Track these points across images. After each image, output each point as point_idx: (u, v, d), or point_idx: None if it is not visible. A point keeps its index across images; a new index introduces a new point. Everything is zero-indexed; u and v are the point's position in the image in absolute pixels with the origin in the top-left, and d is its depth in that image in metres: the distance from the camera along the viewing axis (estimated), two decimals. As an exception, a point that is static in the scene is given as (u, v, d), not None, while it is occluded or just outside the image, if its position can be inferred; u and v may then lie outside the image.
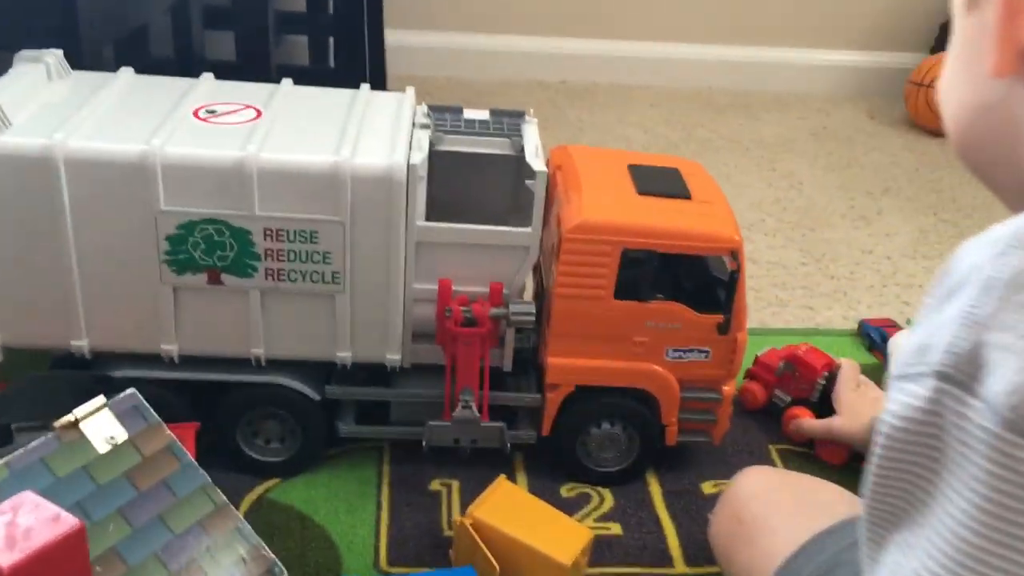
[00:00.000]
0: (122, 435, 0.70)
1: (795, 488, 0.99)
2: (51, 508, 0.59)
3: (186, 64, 1.83)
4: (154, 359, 1.13)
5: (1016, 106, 0.46)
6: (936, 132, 2.47)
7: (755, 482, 1.02)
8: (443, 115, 1.20)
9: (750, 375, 1.38)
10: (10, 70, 1.14)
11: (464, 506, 1.13)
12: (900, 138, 2.45)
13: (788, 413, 1.33)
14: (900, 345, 1.36)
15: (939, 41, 2.65)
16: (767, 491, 0.99)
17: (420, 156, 1.07)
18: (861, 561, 0.48)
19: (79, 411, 0.69)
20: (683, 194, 1.17)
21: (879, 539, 0.47)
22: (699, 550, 1.13)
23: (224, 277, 1.09)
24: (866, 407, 1.25)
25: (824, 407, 1.31)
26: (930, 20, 2.65)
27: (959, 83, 0.49)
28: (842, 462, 1.28)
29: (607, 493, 1.21)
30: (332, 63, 2.30)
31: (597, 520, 1.17)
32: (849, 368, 1.31)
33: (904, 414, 0.43)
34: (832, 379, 1.31)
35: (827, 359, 1.34)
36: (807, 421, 1.30)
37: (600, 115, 2.46)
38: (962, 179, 2.23)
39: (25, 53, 1.17)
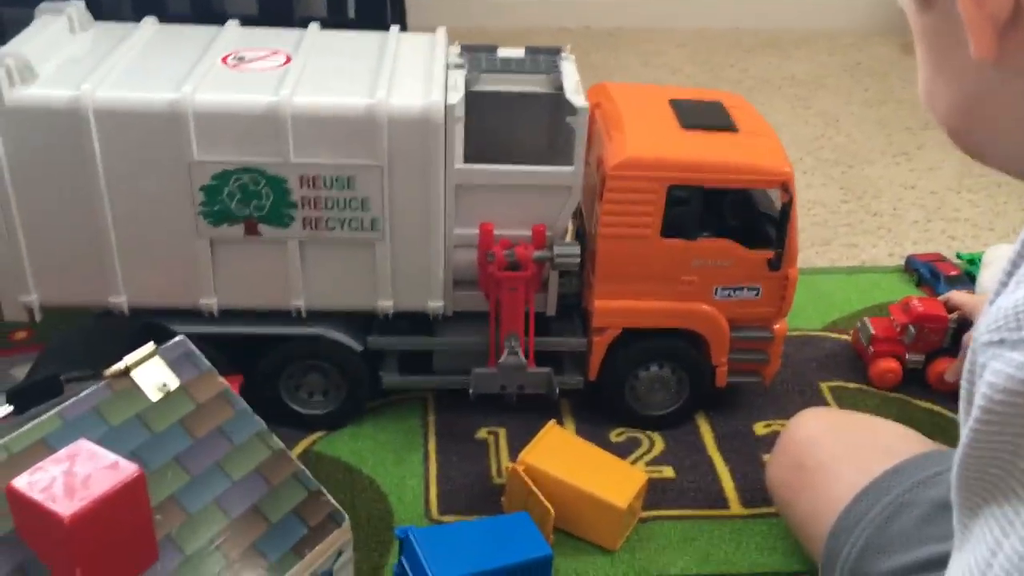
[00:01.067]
0: (174, 382, 0.68)
1: (854, 429, 0.96)
2: (109, 456, 0.57)
3: (205, 18, 1.79)
4: (193, 314, 1.11)
5: (1004, 87, 0.43)
6: (973, 64, 2.39)
7: (812, 426, 0.98)
8: (477, 55, 1.16)
9: (876, 355, 1.28)
10: (33, 22, 1.11)
11: (512, 454, 1.11)
12: (936, 72, 2.38)
13: (934, 368, 1.27)
14: (998, 259, 1.31)
15: (974, -30, 2.56)
16: (826, 434, 0.96)
17: (457, 96, 1.04)
18: (955, 524, 0.45)
19: (129, 359, 0.67)
20: (729, 127, 1.13)
21: (973, 507, 0.44)
22: (755, 492, 1.11)
23: (261, 227, 1.06)
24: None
25: (957, 346, 1.25)
26: (964, -52, 2.56)
27: (941, 83, 0.46)
28: None
29: (657, 437, 1.19)
30: (352, 14, 2.25)
31: (649, 464, 1.14)
32: (966, 297, 1.27)
33: (1006, 385, 0.39)
34: (959, 320, 1.25)
35: (939, 303, 1.28)
36: (957, 364, 1.24)
37: (625, 58, 2.40)
38: (1003, 111, 2.17)
39: (46, 5, 1.14)
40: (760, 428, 1.21)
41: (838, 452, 0.93)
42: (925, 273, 1.49)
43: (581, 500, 1.01)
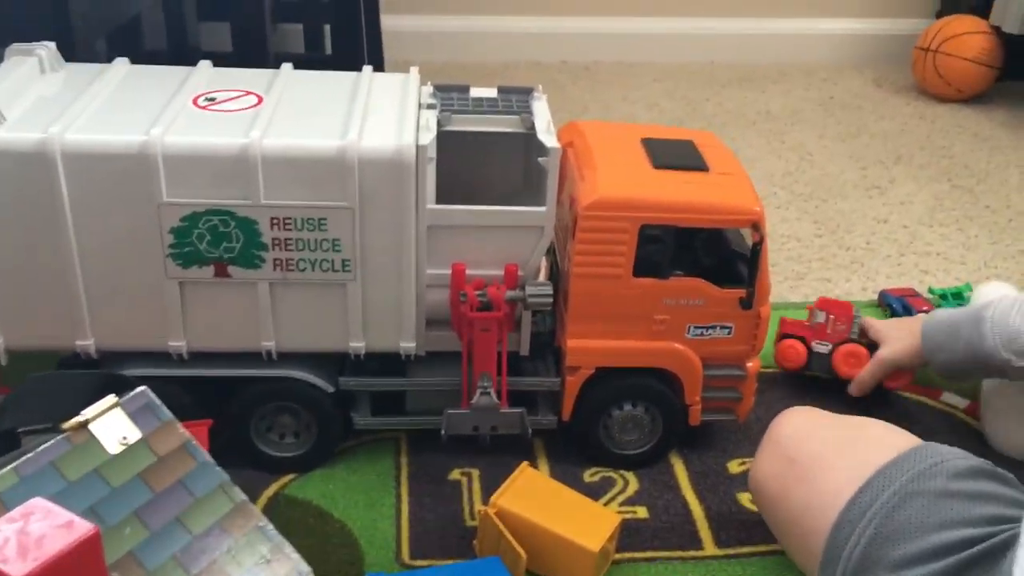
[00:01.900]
0: (135, 435, 0.67)
1: (842, 424, 0.98)
2: (64, 514, 0.56)
3: (181, 56, 1.80)
4: (163, 356, 1.10)
5: None
6: (944, 98, 2.43)
7: (800, 421, 1.00)
8: (449, 94, 1.17)
9: (782, 335, 1.35)
10: (2, 64, 1.11)
11: (486, 495, 1.10)
12: (908, 105, 2.41)
13: (839, 351, 1.31)
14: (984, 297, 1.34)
15: (944, 4, 2.60)
16: (815, 429, 0.97)
17: (429, 136, 1.04)
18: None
19: (89, 411, 0.66)
20: (700, 166, 1.13)
21: None
22: (729, 531, 1.10)
23: (231, 269, 1.06)
24: (904, 325, 1.30)
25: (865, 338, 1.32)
26: (934, -16, 2.61)
27: None
28: (909, 383, 1.31)
29: (631, 476, 1.18)
30: (329, 50, 2.26)
31: (622, 504, 1.14)
32: (879, 324, 1.34)
33: None
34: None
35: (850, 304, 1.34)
36: (861, 375, 1.30)
37: (603, 93, 2.42)
38: (973, 145, 2.20)
39: (17, 46, 1.13)
40: (735, 466, 1.21)
41: (830, 445, 0.94)
42: (898, 308, 1.50)
43: (554, 543, 1.01)
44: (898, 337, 1.29)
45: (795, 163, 2.07)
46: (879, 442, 0.91)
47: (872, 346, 1.31)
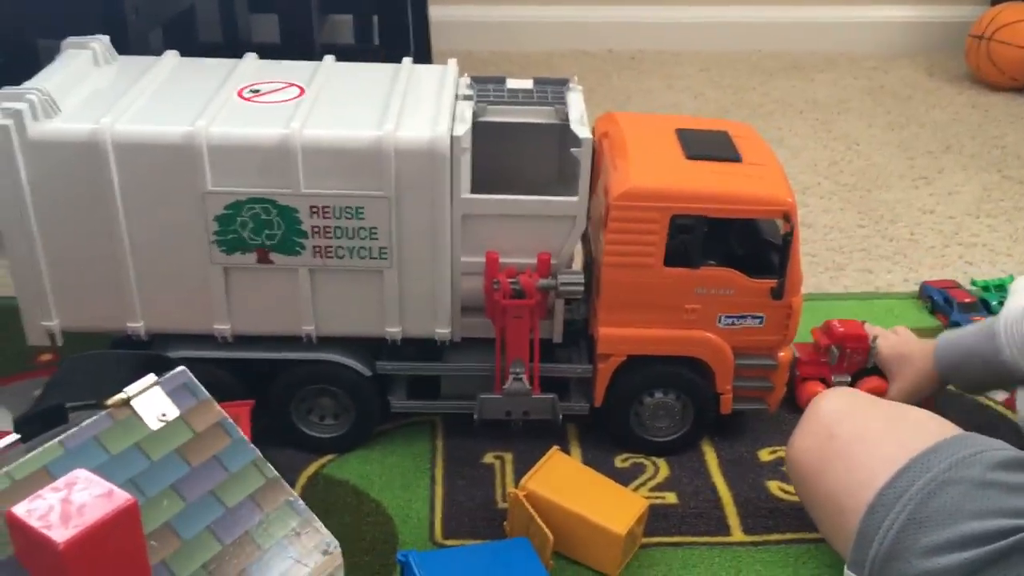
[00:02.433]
0: (173, 412, 0.71)
1: (883, 408, 0.99)
2: (104, 484, 0.60)
3: (232, 47, 1.85)
4: (209, 339, 1.14)
5: None
6: (998, 86, 2.38)
7: (842, 402, 1.00)
8: (486, 86, 1.19)
9: (802, 378, 1.29)
10: (57, 57, 1.16)
11: (518, 478, 1.13)
12: (961, 95, 2.37)
13: (860, 387, 1.26)
14: None
15: (1000, -8, 2.55)
16: (858, 409, 0.98)
17: (464, 128, 1.07)
18: None
19: (130, 389, 0.70)
20: (733, 157, 1.14)
21: None
22: (757, 518, 1.12)
23: (273, 256, 1.09)
24: (911, 358, 1.24)
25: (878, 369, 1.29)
26: (990, -30, 2.56)
27: None
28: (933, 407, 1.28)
29: (662, 463, 1.20)
30: (376, 41, 2.29)
31: (652, 490, 1.16)
32: (871, 330, 1.30)
33: None
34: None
35: (859, 323, 1.30)
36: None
37: (648, 82, 2.42)
38: (1027, 134, 2.16)
39: (72, 40, 1.18)
40: (765, 455, 1.22)
41: (872, 425, 0.95)
42: (939, 300, 1.49)
43: (581, 526, 1.03)
44: (900, 372, 1.24)
45: (841, 153, 2.06)
46: (920, 427, 0.93)
47: None
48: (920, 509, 0.84)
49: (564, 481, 1.07)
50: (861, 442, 0.93)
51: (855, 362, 1.29)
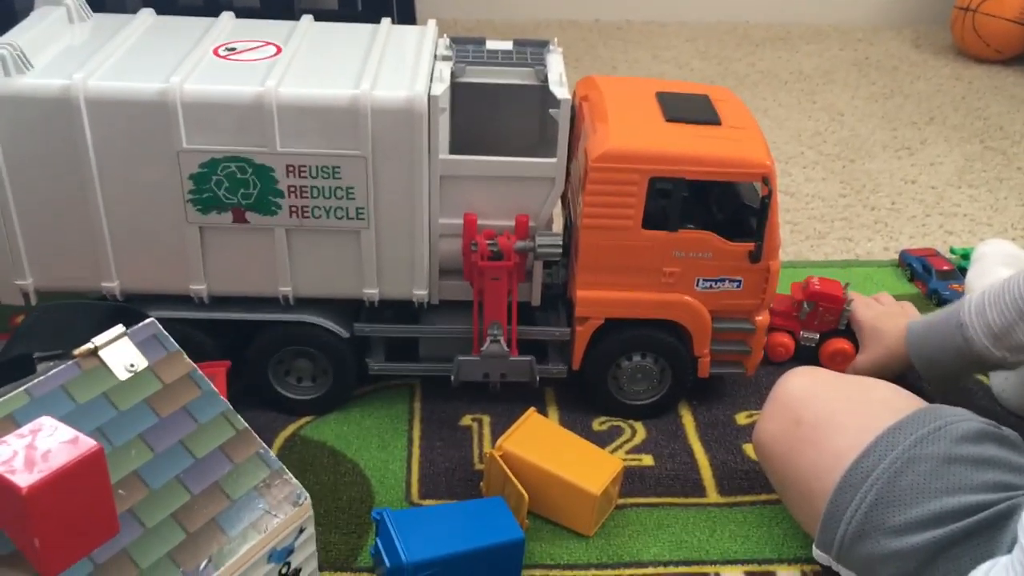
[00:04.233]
0: (142, 363, 0.70)
1: (849, 386, 0.97)
2: (69, 431, 0.60)
3: (211, 10, 1.82)
4: (185, 300, 1.14)
5: None
6: (983, 58, 2.38)
7: (807, 382, 0.99)
8: (465, 47, 1.18)
9: (771, 327, 1.28)
10: (31, 13, 1.14)
11: (495, 441, 1.13)
12: (946, 67, 2.37)
13: (826, 347, 1.30)
14: (984, 256, 1.31)
15: (987, -36, 2.54)
16: (822, 389, 0.97)
17: (442, 87, 1.06)
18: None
19: (98, 339, 0.69)
20: (712, 120, 1.13)
21: None
22: (732, 480, 1.12)
23: (249, 215, 1.09)
24: (885, 335, 1.23)
25: (850, 330, 1.30)
26: (978, -58, 2.54)
27: None
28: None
29: (639, 426, 1.20)
30: (359, 6, 2.27)
31: (629, 452, 1.16)
32: (853, 295, 1.30)
33: None
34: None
35: (839, 284, 1.30)
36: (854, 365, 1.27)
37: (634, 52, 2.41)
38: (1010, 106, 2.16)
39: (46, -4, 1.17)
40: (742, 418, 1.22)
41: (836, 407, 0.94)
42: (918, 267, 1.49)
43: (557, 486, 1.03)
44: (871, 346, 1.24)
45: (825, 123, 2.06)
46: (884, 404, 0.92)
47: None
48: (888, 488, 0.84)
49: (540, 442, 1.07)
50: (827, 425, 0.92)
51: (826, 321, 1.30)
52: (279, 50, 1.13)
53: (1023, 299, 1.03)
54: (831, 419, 0.93)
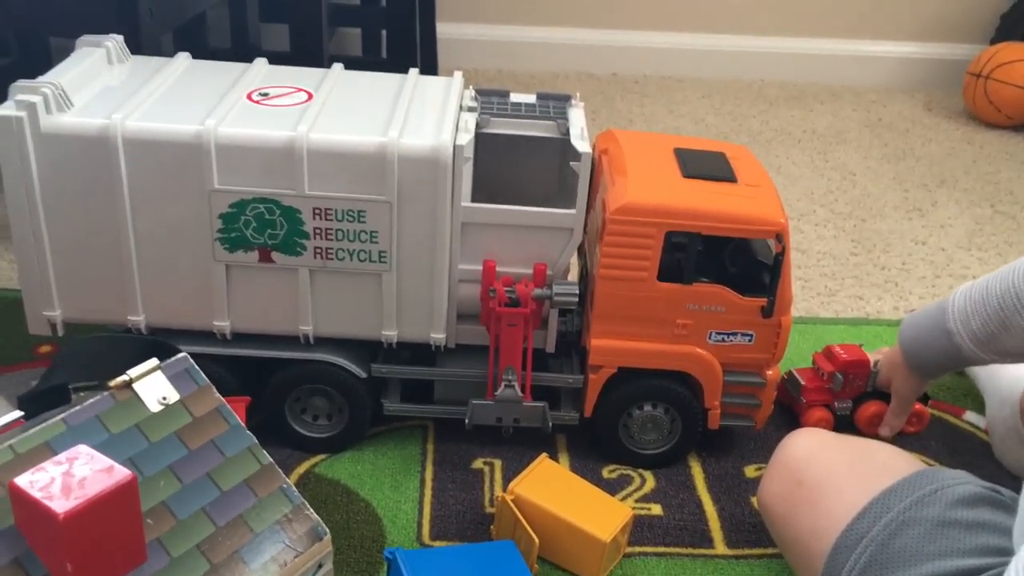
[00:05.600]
0: (174, 396, 0.73)
1: (852, 448, 0.99)
2: (105, 460, 0.62)
3: (242, 55, 1.88)
4: (208, 335, 1.16)
5: None
6: (994, 124, 2.42)
7: (810, 444, 1.00)
8: (490, 98, 1.22)
9: (808, 405, 1.30)
10: (72, 54, 1.18)
11: (506, 484, 1.14)
12: (958, 130, 2.41)
13: (863, 412, 1.30)
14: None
15: (999, 31, 2.59)
16: (824, 452, 0.98)
17: (466, 137, 1.09)
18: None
19: (133, 372, 0.72)
20: (728, 177, 1.16)
21: None
22: (740, 532, 1.13)
23: (274, 255, 1.12)
24: (896, 362, 1.26)
25: (878, 391, 1.31)
26: (989, 10, 2.60)
27: None
28: (924, 427, 1.32)
29: (649, 475, 1.22)
30: (384, 54, 2.33)
31: (638, 501, 1.17)
32: (871, 354, 1.33)
33: None
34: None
35: (859, 348, 1.32)
36: (886, 419, 1.29)
37: (650, 106, 2.46)
38: (1020, 172, 2.19)
39: (87, 38, 1.21)
40: (751, 471, 1.23)
41: (837, 469, 0.95)
42: (927, 328, 1.51)
43: (566, 531, 1.04)
44: (894, 382, 1.27)
45: (837, 182, 2.09)
46: (883, 467, 0.92)
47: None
48: (881, 551, 0.84)
49: (551, 487, 1.08)
50: (826, 487, 0.93)
51: (856, 387, 1.30)
52: (310, 96, 1.16)
53: (1003, 310, 1.07)
54: (831, 481, 0.94)
